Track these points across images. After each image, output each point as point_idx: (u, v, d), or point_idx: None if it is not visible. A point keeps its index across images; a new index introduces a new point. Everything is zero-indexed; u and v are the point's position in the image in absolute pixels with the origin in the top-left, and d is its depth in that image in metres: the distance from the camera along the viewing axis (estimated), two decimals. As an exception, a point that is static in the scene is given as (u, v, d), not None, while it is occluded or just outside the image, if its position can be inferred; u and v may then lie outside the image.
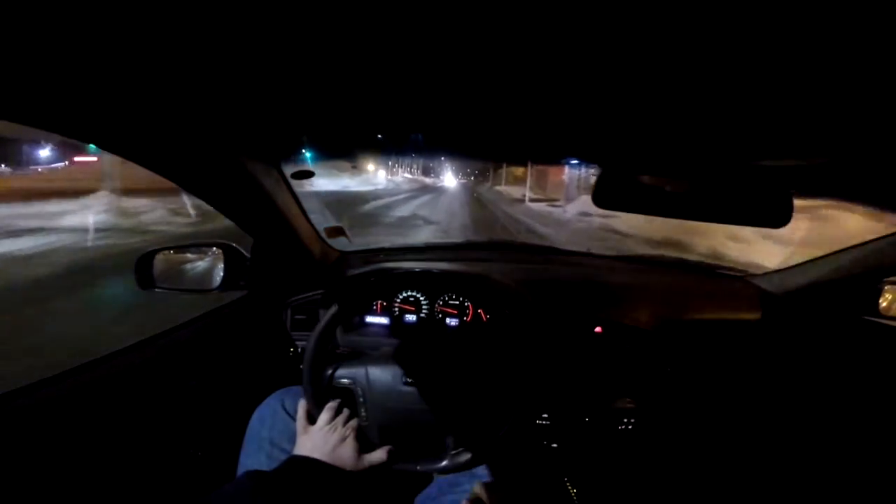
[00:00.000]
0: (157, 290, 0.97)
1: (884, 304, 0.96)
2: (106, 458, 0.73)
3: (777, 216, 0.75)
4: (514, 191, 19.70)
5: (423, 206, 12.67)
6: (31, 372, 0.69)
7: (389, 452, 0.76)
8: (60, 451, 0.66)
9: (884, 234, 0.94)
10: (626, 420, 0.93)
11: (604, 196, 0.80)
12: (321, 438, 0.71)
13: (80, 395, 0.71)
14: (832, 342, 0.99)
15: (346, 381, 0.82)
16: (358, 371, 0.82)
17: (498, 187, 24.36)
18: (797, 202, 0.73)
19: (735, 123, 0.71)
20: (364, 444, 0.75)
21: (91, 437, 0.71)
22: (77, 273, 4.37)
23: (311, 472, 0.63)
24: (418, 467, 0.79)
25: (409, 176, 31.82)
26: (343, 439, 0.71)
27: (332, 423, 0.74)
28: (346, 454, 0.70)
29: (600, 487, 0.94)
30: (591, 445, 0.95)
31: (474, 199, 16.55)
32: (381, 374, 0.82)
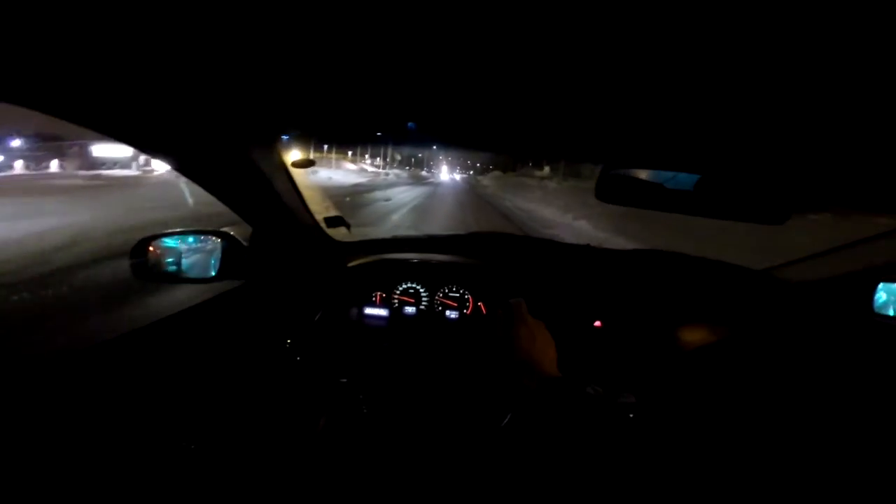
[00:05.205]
0: (152, 279, 0.95)
1: (879, 303, 0.98)
2: (98, 449, 0.72)
3: (776, 213, 0.76)
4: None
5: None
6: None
7: (394, 450, 0.75)
8: (51, 441, 0.65)
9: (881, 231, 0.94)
10: (626, 415, 0.94)
11: (606, 191, 0.80)
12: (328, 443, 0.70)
13: (73, 384, 0.70)
14: (830, 338, 1.00)
15: (344, 379, 0.81)
16: (356, 368, 0.81)
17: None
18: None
19: (737, 121, 0.71)
20: (369, 442, 0.74)
21: (82, 429, 0.70)
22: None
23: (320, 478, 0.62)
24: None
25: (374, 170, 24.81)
26: (351, 445, 0.70)
27: (336, 426, 0.73)
28: (353, 459, 0.69)
29: (599, 482, 0.94)
30: (590, 440, 0.95)
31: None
32: (380, 370, 0.81)
